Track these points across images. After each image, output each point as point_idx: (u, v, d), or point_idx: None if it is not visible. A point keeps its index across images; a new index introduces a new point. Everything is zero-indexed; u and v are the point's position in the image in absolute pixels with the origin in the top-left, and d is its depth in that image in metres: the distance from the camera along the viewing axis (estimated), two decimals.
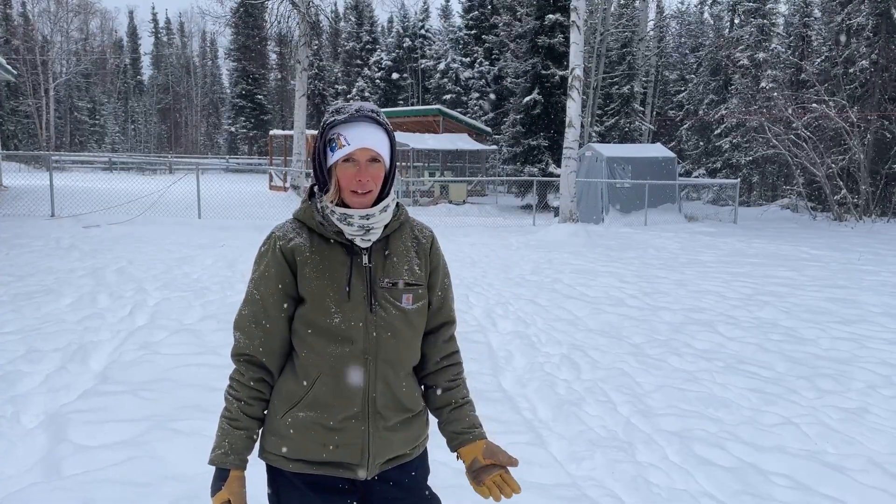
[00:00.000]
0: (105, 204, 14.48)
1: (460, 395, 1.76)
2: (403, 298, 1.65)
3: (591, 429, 3.96)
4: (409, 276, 1.67)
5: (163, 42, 70.51)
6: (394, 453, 1.67)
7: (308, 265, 1.61)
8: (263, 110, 52.40)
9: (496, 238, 14.25)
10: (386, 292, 1.63)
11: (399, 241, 1.69)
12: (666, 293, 8.20)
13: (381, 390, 1.62)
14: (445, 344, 1.77)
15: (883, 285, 8.93)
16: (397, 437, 1.67)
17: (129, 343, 5.30)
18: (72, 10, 55.97)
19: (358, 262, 1.62)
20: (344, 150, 1.56)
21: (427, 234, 1.77)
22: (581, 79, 14.91)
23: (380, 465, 1.66)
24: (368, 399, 1.61)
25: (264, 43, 52.62)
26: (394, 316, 1.63)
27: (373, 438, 1.62)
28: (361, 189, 1.57)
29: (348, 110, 1.59)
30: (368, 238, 1.61)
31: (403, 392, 1.67)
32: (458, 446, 1.71)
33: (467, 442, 1.70)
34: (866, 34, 21.37)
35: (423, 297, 1.70)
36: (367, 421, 1.62)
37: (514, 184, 27.53)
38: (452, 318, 1.79)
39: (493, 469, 1.66)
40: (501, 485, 1.64)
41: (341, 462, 1.62)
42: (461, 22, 39.96)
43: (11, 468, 3.25)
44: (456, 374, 1.78)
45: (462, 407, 1.74)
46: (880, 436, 3.94)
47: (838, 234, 16.39)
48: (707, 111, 27.25)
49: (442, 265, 1.77)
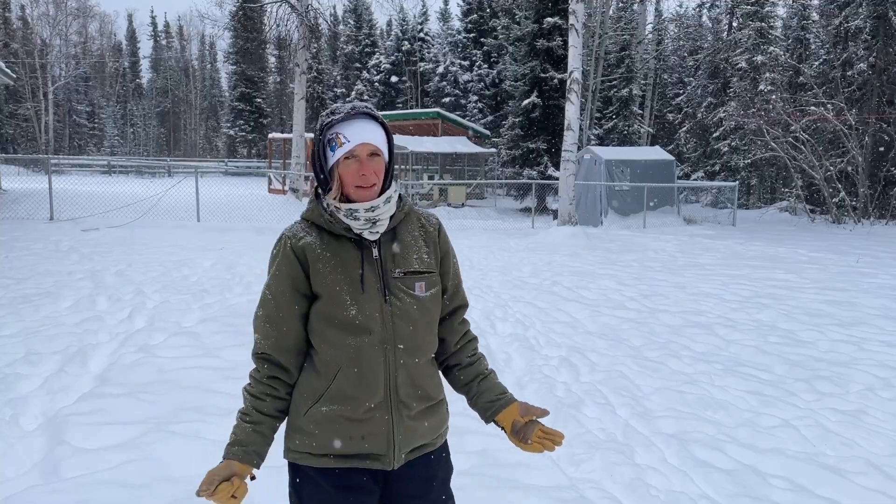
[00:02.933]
0: (104, 207, 14.48)
1: (483, 366, 1.84)
2: (416, 287, 1.69)
3: (589, 431, 3.96)
4: (420, 265, 1.71)
5: (162, 45, 70.49)
6: (419, 442, 1.71)
7: (320, 261, 1.65)
8: (262, 113, 52.38)
9: (495, 241, 14.25)
10: (399, 282, 1.67)
11: (406, 231, 1.73)
12: (665, 296, 8.21)
13: (402, 379, 1.66)
14: (461, 325, 1.84)
15: (881, 288, 8.94)
16: (422, 426, 1.70)
17: (127, 345, 5.30)
18: (71, 13, 56.02)
19: (368, 255, 1.66)
20: (344, 147, 1.61)
21: (434, 221, 1.81)
22: (580, 82, 14.94)
23: (406, 454, 1.69)
24: (390, 388, 1.65)
25: (263, 46, 52.64)
26: (408, 304, 1.67)
27: (397, 427, 1.66)
28: (365, 183, 1.61)
29: (343, 109, 1.64)
30: (376, 230, 1.66)
31: (425, 380, 1.71)
32: (495, 413, 1.76)
33: (503, 407, 1.75)
34: (864, 37, 21.41)
35: (435, 283, 1.74)
36: (391, 410, 1.65)
37: (513, 187, 27.53)
38: (466, 302, 1.86)
39: (531, 426, 1.71)
40: (546, 438, 1.70)
41: (369, 453, 1.65)
42: (460, 25, 40.00)
43: (10, 470, 3.25)
44: (474, 349, 1.86)
45: (488, 377, 1.82)
46: (878, 438, 3.95)
47: (837, 237, 16.41)
48: (705, 114, 27.27)
49: (451, 252, 1.83)
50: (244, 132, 51.32)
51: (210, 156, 61.84)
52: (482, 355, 1.87)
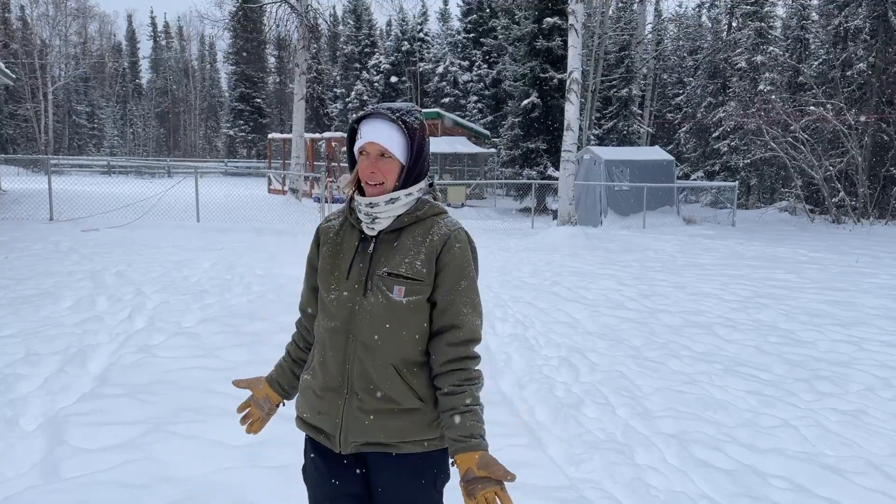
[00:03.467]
0: (104, 207, 14.47)
1: (462, 402, 1.68)
2: (395, 290, 1.70)
3: (589, 431, 3.96)
4: (407, 270, 1.71)
5: (161, 46, 70.46)
6: (371, 438, 1.73)
7: (327, 245, 1.83)
8: (262, 114, 52.37)
9: (495, 241, 14.26)
10: (380, 280, 1.72)
11: (410, 236, 1.75)
12: (664, 296, 8.21)
13: (357, 371, 1.73)
14: (451, 348, 1.71)
15: (881, 288, 8.94)
16: (375, 423, 1.72)
17: (127, 346, 5.30)
18: (70, 13, 56.02)
19: (364, 248, 1.76)
20: (358, 143, 1.73)
21: (443, 233, 1.75)
22: (579, 82, 14.93)
23: (355, 444, 1.74)
24: (346, 376, 1.74)
25: (263, 46, 52.62)
26: (380, 304, 1.71)
27: (346, 414, 1.73)
28: (371, 181, 1.71)
29: (373, 107, 1.74)
30: (373, 227, 1.74)
31: (384, 381, 1.70)
32: (454, 453, 1.66)
33: (462, 450, 1.63)
34: (864, 37, 21.42)
35: (418, 293, 1.70)
36: (344, 396, 1.74)
37: (512, 187, 27.53)
38: (459, 324, 1.72)
39: (488, 483, 1.57)
40: (493, 501, 1.55)
41: (323, 429, 1.78)
42: (459, 25, 39.99)
43: (10, 470, 3.25)
44: (463, 379, 1.70)
45: (463, 414, 1.66)
46: (878, 438, 3.95)
47: (836, 237, 16.41)
48: (705, 114, 27.28)
49: (455, 268, 1.73)
50: (244, 132, 51.30)
51: (210, 156, 61.81)
52: (470, 389, 1.70)
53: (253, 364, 4.91)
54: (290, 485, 2.98)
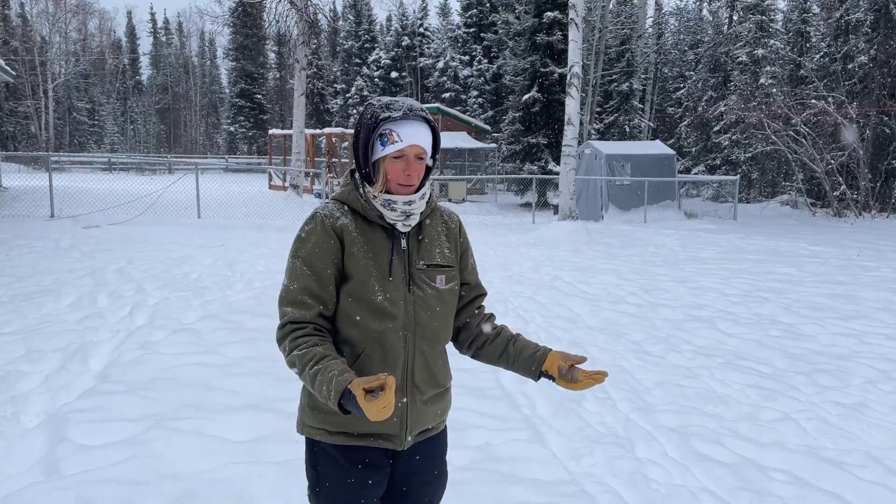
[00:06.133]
0: (104, 204, 14.47)
1: (509, 332, 1.93)
2: (438, 279, 1.79)
3: (590, 425, 3.96)
4: (442, 259, 1.81)
5: (161, 42, 70.40)
6: (427, 425, 1.82)
7: (356, 244, 1.71)
8: (262, 110, 52.35)
9: (496, 236, 14.25)
10: (422, 273, 1.76)
11: (431, 226, 1.83)
12: (665, 290, 8.20)
13: (419, 365, 1.76)
14: (479, 310, 1.95)
15: (882, 281, 8.93)
16: (430, 410, 1.81)
17: (128, 343, 5.31)
18: (70, 10, 55.91)
19: (398, 245, 1.75)
20: (396, 145, 1.67)
21: (455, 219, 1.93)
22: (580, 76, 14.90)
23: (414, 436, 1.79)
24: (408, 373, 1.74)
25: (263, 42, 52.53)
26: (430, 295, 1.76)
27: (411, 410, 1.75)
28: (408, 182, 1.70)
29: (401, 107, 1.68)
30: (409, 223, 1.75)
31: (438, 367, 1.81)
32: (541, 364, 1.83)
33: (545, 357, 1.83)
34: (865, 30, 21.35)
35: (454, 277, 1.84)
36: (407, 394, 1.74)
37: (513, 182, 27.51)
38: (485, 291, 1.98)
39: (574, 370, 1.79)
40: (591, 377, 1.76)
41: (381, 433, 1.73)
42: (460, 20, 39.90)
43: (11, 468, 3.26)
44: (495, 321, 1.96)
45: (519, 337, 1.91)
46: (879, 431, 3.95)
47: (838, 231, 16.39)
48: (706, 108, 27.21)
49: (468, 247, 1.93)
50: (244, 128, 51.31)
51: (210, 152, 61.78)
52: (504, 325, 1.96)
53: (254, 360, 4.91)
54: (292, 481, 2.98)
